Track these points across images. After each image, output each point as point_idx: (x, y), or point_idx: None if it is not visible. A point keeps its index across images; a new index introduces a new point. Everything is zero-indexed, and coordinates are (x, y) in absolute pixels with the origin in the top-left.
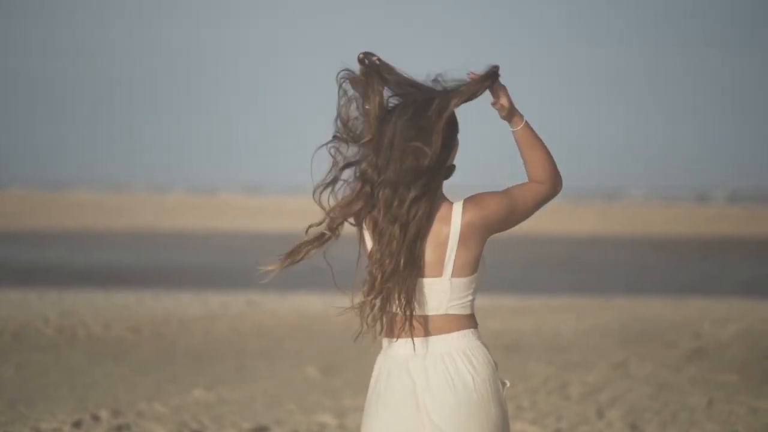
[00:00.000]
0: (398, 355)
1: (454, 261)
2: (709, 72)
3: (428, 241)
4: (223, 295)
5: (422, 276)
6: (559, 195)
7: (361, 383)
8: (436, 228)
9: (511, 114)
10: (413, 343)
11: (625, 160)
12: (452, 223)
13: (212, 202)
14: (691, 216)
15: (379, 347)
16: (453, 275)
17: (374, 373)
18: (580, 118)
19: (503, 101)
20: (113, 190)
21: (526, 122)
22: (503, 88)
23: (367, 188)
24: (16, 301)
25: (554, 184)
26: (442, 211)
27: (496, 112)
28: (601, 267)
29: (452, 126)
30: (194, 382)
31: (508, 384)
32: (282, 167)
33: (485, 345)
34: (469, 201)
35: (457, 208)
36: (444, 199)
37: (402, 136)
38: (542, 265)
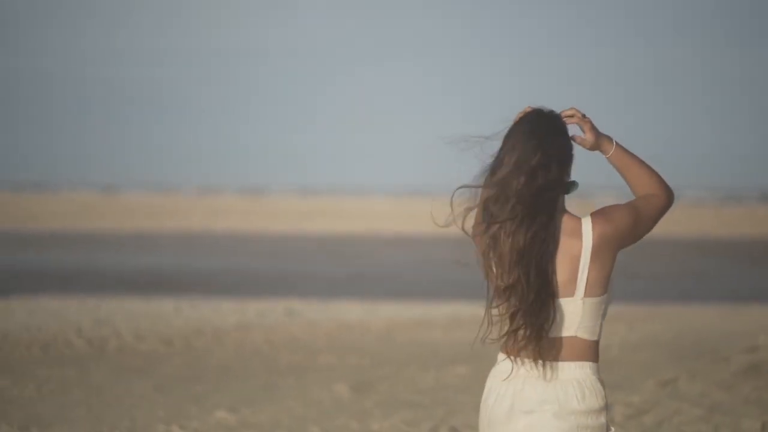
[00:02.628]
0: (515, 373)
1: (587, 278)
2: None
3: (561, 257)
4: (263, 302)
5: (558, 296)
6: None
7: (391, 403)
8: (567, 243)
9: (598, 143)
10: (532, 363)
11: (679, 160)
12: (584, 238)
13: (263, 204)
14: (751, 217)
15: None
16: (585, 295)
17: (487, 385)
18: (636, 118)
19: (588, 137)
20: (164, 191)
21: (617, 144)
22: (585, 121)
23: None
24: (54, 309)
25: (668, 194)
26: (571, 226)
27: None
28: (654, 272)
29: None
30: (218, 402)
31: (613, 430)
32: (337, 168)
33: (602, 381)
34: (598, 214)
35: (587, 223)
36: (570, 214)
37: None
38: None
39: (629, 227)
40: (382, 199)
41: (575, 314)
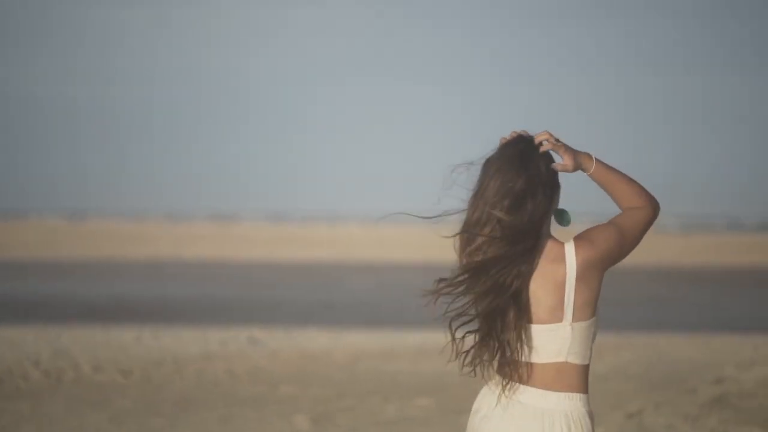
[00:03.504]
0: (501, 396)
1: (574, 303)
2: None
3: (544, 283)
4: (226, 331)
5: (541, 322)
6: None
7: None
8: (551, 269)
9: (578, 164)
10: (519, 389)
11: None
12: (567, 263)
13: (233, 231)
14: (721, 245)
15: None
16: (574, 319)
17: (475, 405)
18: (597, 142)
19: (567, 161)
20: (132, 218)
21: (597, 160)
22: (559, 146)
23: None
24: (12, 340)
25: (653, 205)
26: (554, 251)
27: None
28: (623, 301)
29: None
30: None
31: None
32: (305, 195)
33: (590, 415)
34: (580, 239)
35: (570, 248)
36: (554, 239)
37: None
38: None
39: (614, 248)
40: (354, 226)
41: (565, 339)
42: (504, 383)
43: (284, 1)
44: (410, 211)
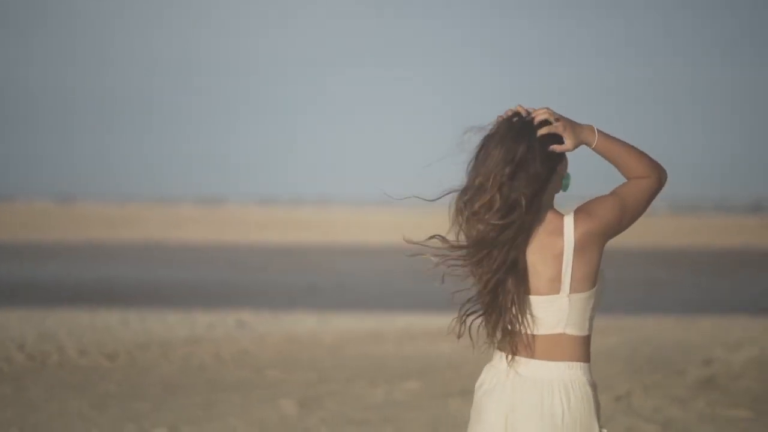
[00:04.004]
0: (504, 369)
1: (572, 275)
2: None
3: (543, 255)
4: (213, 315)
5: (539, 293)
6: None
7: (338, 421)
8: (549, 241)
9: (580, 141)
10: (519, 361)
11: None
12: (565, 236)
13: (221, 214)
14: (709, 227)
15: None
16: (571, 291)
17: (478, 381)
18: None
19: (567, 142)
20: (121, 201)
21: (599, 132)
22: (558, 126)
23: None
24: None
25: (658, 175)
26: (554, 223)
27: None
28: (610, 283)
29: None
30: (157, 421)
31: (605, 431)
32: (292, 178)
33: (591, 384)
34: (580, 211)
35: (569, 220)
36: (554, 211)
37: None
38: None
39: (614, 220)
40: (343, 209)
41: (562, 311)
42: (505, 357)
43: None
44: (419, 194)
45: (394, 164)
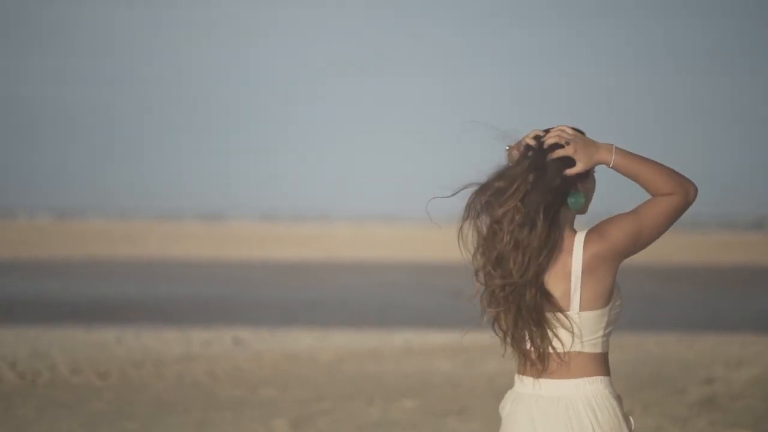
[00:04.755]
0: (525, 393)
1: (581, 294)
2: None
3: (555, 273)
4: (210, 332)
5: (551, 310)
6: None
7: None
8: (560, 259)
9: (593, 161)
10: (539, 383)
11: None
12: (574, 255)
13: (222, 230)
14: (712, 244)
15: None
16: (582, 309)
17: (500, 406)
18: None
19: (578, 167)
20: (121, 217)
21: (617, 150)
22: (568, 150)
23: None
24: None
25: (685, 191)
26: (567, 241)
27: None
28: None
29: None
30: None
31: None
32: (299, 194)
33: (616, 396)
34: (593, 230)
35: (579, 239)
36: (570, 228)
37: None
38: None
39: (627, 241)
40: (345, 224)
41: (573, 329)
42: (525, 379)
43: (274, 1)
44: (439, 194)
45: (398, 179)
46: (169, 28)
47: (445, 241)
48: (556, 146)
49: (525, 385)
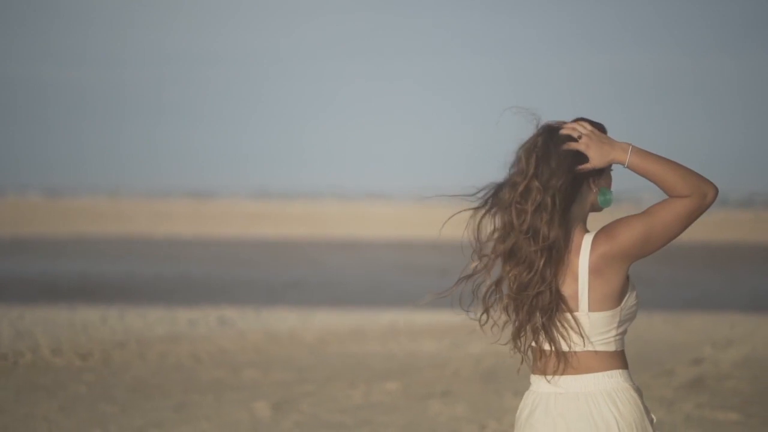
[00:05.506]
0: (542, 392)
1: (589, 294)
2: (720, 75)
3: (564, 274)
4: (195, 311)
5: (563, 310)
6: None
7: (312, 424)
8: (569, 259)
9: (607, 160)
10: (557, 380)
11: None
12: (581, 256)
13: (212, 208)
14: (701, 222)
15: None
16: (591, 309)
17: (519, 407)
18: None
19: (591, 162)
20: (110, 195)
21: (633, 150)
22: (582, 144)
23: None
24: None
25: (702, 193)
26: (576, 241)
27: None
28: None
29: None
30: (125, 424)
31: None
32: (285, 172)
33: (636, 388)
34: (602, 231)
35: (588, 240)
36: (581, 228)
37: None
38: None
39: (637, 243)
40: (335, 203)
41: (583, 329)
42: (541, 378)
43: None
44: (454, 192)
45: (387, 158)
46: (161, 8)
47: (435, 220)
48: (569, 138)
49: (541, 384)
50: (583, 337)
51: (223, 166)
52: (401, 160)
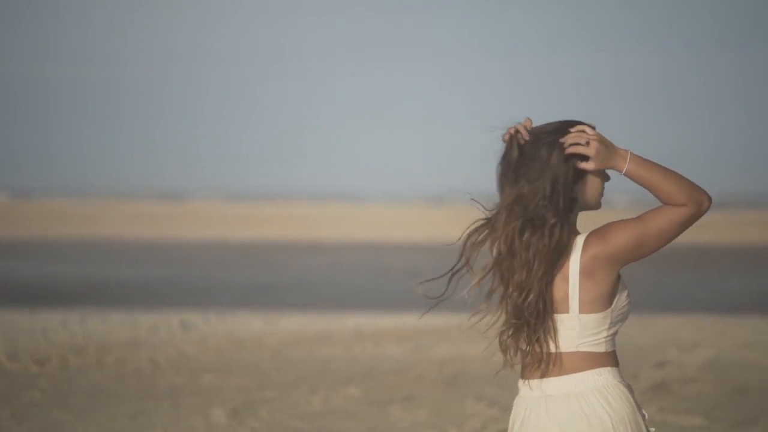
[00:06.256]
0: (531, 397)
1: (580, 296)
2: (720, 72)
3: (557, 275)
4: (157, 315)
5: (554, 312)
6: None
7: (270, 430)
8: (562, 261)
9: (606, 165)
10: (546, 383)
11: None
12: (572, 257)
13: (183, 210)
14: None
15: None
16: (581, 311)
17: (511, 416)
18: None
19: (589, 164)
20: (79, 196)
21: (632, 158)
22: (581, 147)
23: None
24: None
25: (697, 202)
26: (569, 243)
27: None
28: None
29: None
30: None
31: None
32: (263, 173)
33: (626, 385)
34: (595, 233)
35: (579, 241)
36: (575, 231)
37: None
38: None
39: (629, 247)
40: (306, 204)
41: (573, 330)
42: (529, 382)
43: None
44: (473, 196)
45: (363, 158)
46: (140, 7)
47: (408, 222)
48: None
49: (531, 389)
50: (573, 339)
51: (192, 168)
52: (401, 160)
